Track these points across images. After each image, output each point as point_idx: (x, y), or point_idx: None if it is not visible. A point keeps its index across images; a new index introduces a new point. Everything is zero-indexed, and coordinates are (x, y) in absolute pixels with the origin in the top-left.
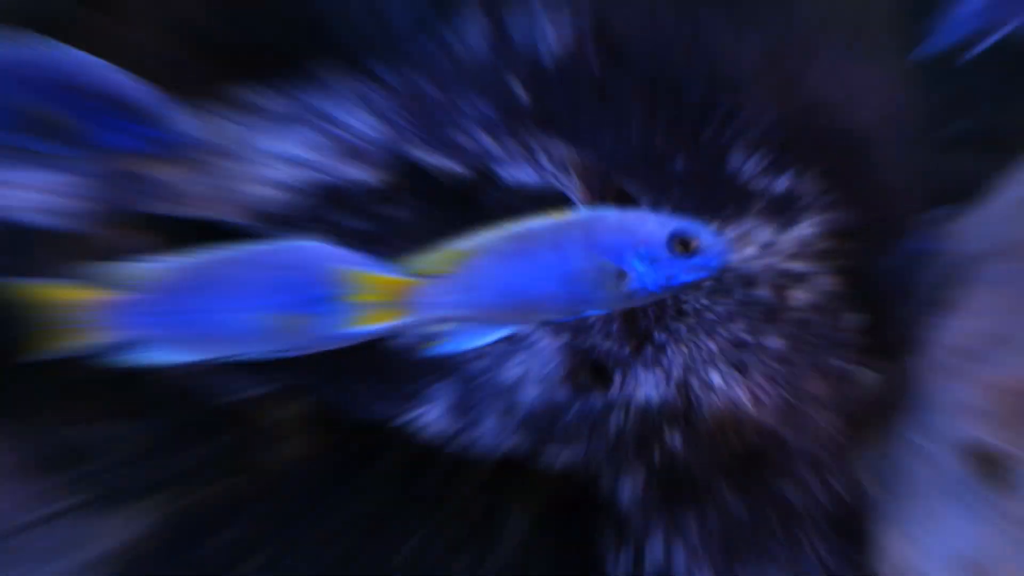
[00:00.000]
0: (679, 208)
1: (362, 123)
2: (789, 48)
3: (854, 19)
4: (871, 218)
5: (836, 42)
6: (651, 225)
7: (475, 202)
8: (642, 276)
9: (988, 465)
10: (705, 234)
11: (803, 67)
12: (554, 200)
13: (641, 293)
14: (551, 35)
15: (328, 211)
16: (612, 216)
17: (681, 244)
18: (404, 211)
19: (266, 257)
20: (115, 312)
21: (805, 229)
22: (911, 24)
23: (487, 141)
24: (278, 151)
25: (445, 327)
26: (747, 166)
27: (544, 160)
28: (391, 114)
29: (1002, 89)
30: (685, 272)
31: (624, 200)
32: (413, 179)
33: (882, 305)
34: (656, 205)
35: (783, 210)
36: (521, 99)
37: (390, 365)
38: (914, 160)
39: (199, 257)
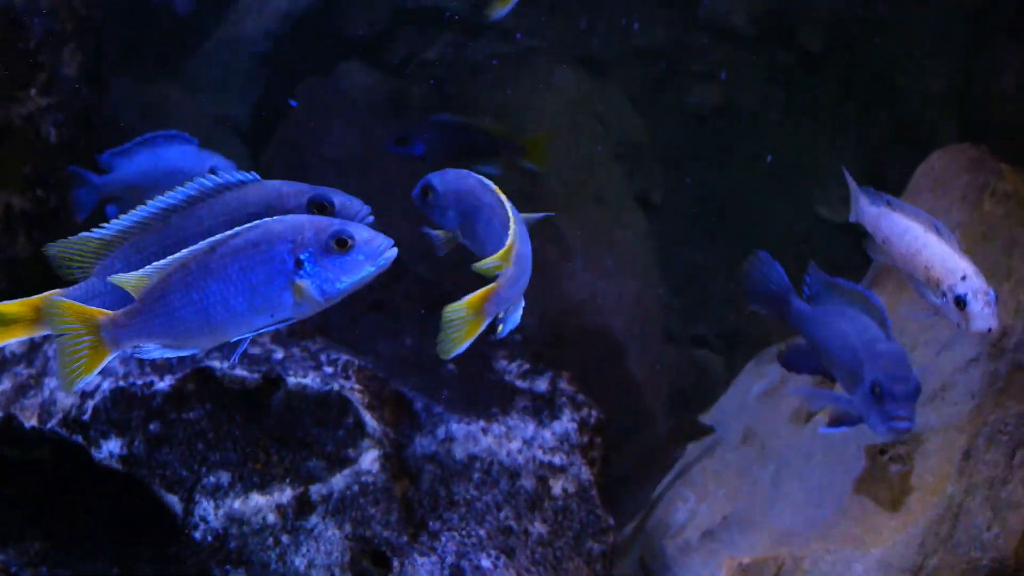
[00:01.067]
0: (449, 407)
1: None
2: (548, 260)
3: (607, 234)
4: (621, 412)
5: (592, 254)
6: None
7: (262, 404)
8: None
9: None
10: (358, 228)
11: (560, 277)
12: (337, 402)
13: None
14: None
15: (126, 414)
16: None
17: (338, 243)
18: (196, 413)
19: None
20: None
21: (565, 424)
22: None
23: (274, 349)
24: None
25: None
26: (511, 367)
27: (327, 366)
28: None
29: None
30: (354, 269)
31: (401, 403)
32: (204, 384)
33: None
34: (429, 406)
35: (544, 407)
36: None
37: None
38: (661, 359)
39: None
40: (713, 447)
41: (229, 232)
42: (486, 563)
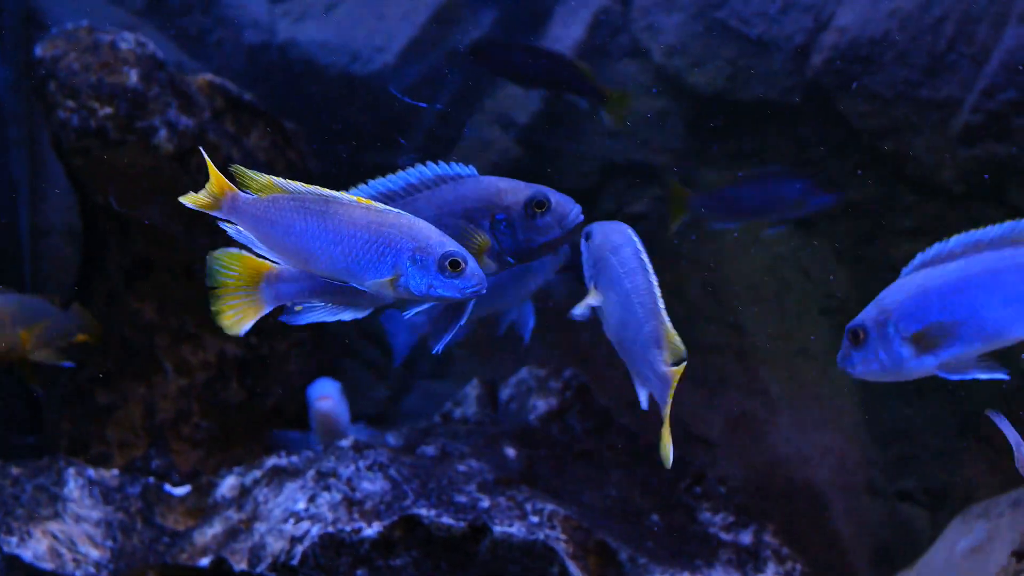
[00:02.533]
0: (654, 557)
1: (367, 480)
2: (754, 413)
3: (813, 386)
4: (825, 567)
5: (797, 408)
6: (434, 238)
7: (469, 553)
8: (409, 279)
9: None
10: (471, 262)
11: (766, 430)
12: (543, 552)
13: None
14: (540, 403)
15: (334, 560)
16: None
17: (451, 264)
18: (402, 560)
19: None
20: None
21: None
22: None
23: (481, 498)
24: (292, 508)
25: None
26: (716, 519)
27: (532, 515)
28: (394, 472)
29: (946, 447)
30: (444, 288)
31: (606, 552)
32: (411, 532)
33: None
34: (633, 556)
35: (749, 560)
36: (511, 460)
37: None
38: (865, 514)
39: None
40: None
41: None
42: None
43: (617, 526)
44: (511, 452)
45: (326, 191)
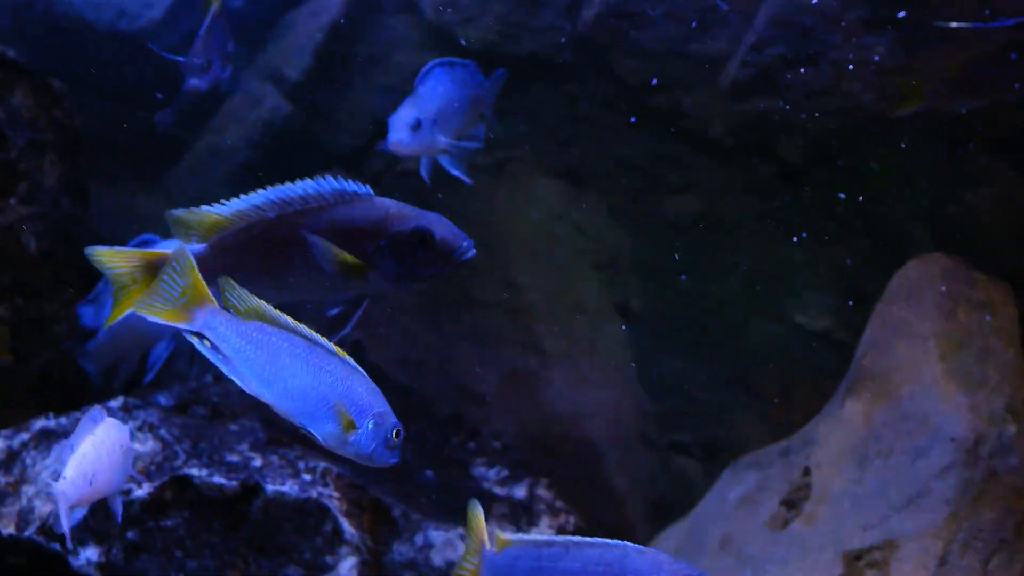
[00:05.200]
0: (428, 514)
1: (137, 441)
2: (528, 368)
3: (587, 342)
4: (601, 518)
5: (571, 363)
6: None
7: (241, 512)
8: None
9: None
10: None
11: (540, 386)
12: (316, 510)
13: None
14: None
15: (103, 522)
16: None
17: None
18: (173, 521)
19: None
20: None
21: (543, 530)
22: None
23: (253, 457)
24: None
25: None
26: (490, 474)
27: (305, 473)
28: (165, 433)
29: (718, 401)
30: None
31: (380, 510)
32: (182, 492)
33: None
34: (407, 512)
35: (523, 514)
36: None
37: None
38: (640, 467)
39: None
40: (692, 553)
41: None
42: None
43: (391, 483)
44: None
45: (309, 332)
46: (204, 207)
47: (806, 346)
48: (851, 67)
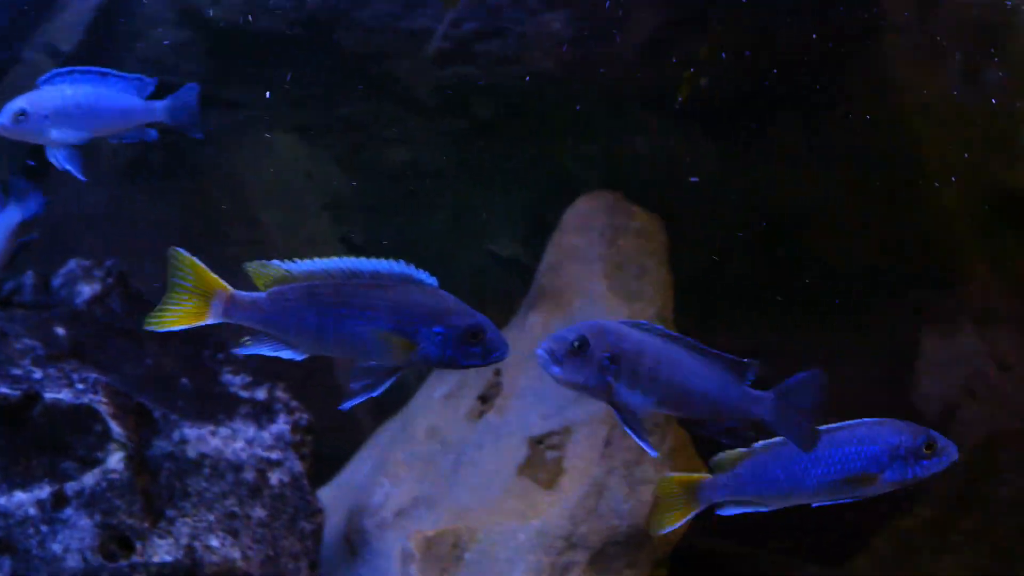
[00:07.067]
0: (184, 415)
1: None
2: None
3: None
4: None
5: None
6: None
7: (24, 418)
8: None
9: None
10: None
11: None
12: (88, 414)
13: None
14: (85, 289)
15: None
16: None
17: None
18: None
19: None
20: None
21: (280, 426)
22: None
23: (34, 370)
24: None
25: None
26: (235, 380)
27: (79, 383)
28: None
29: None
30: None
31: (143, 412)
32: None
33: None
34: (166, 414)
35: (263, 413)
36: (61, 338)
37: None
38: None
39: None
40: (405, 442)
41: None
42: (215, 542)
43: (153, 390)
44: (61, 331)
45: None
46: (276, 262)
47: (498, 270)
48: (533, 39)
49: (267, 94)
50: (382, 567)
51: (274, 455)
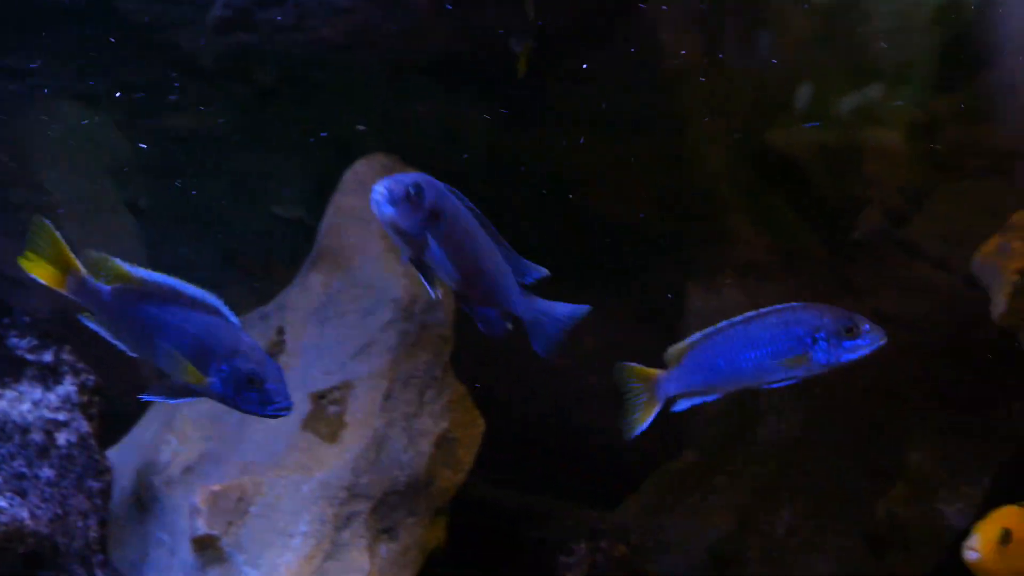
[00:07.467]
0: None
1: None
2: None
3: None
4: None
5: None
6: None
7: None
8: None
9: (209, 548)
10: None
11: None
12: None
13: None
14: None
15: None
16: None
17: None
18: None
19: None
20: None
21: (67, 388)
22: None
23: None
24: None
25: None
26: (22, 343)
27: None
28: None
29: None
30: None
31: None
32: None
33: None
34: None
35: (50, 375)
36: None
37: None
38: None
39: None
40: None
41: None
42: (2, 503)
43: None
44: None
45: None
46: (117, 260)
47: (283, 232)
48: (313, 7)
49: (37, 63)
50: (171, 522)
51: (61, 416)
